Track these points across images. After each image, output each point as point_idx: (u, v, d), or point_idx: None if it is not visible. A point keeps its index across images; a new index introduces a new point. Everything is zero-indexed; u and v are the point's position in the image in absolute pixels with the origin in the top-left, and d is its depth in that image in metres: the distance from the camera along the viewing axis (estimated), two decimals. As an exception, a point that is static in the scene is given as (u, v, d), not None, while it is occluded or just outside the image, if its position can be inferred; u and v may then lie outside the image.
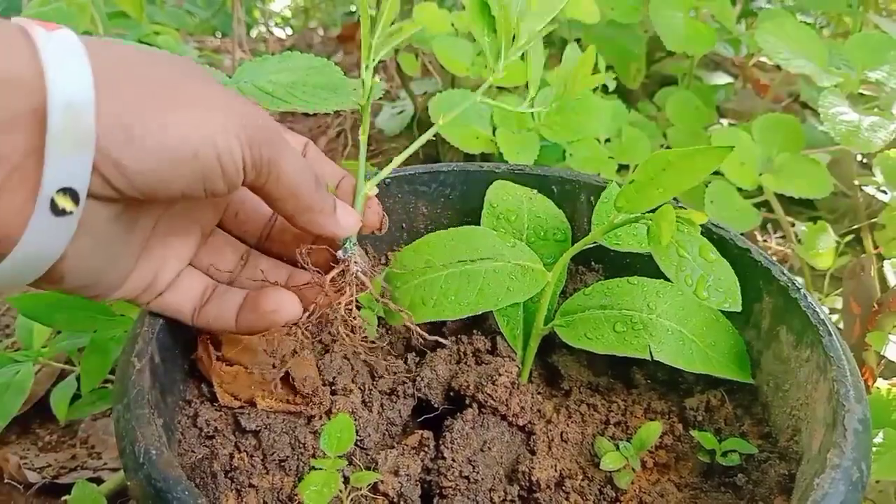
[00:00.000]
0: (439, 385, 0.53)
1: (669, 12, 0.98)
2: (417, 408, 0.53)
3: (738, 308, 0.47)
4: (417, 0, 1.06)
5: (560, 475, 0.47)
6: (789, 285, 0.51)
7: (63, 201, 0.33)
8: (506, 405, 0.50)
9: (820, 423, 0.43)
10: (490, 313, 0.56)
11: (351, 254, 0.47)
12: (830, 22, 1.33)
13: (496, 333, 0.56)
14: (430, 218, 0.65)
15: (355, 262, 0.47)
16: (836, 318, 0.81)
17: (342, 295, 0.46)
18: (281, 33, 2.09)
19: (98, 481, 0.70)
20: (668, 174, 0.43)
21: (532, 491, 0.47)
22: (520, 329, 0.56)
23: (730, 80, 1.26)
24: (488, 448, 0.49)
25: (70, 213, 0.34)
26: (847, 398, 0.42)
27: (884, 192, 0.88)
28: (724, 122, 1.16)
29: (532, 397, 0.52)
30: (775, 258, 0.93)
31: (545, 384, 0.57)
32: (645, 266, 0.56)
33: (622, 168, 0.95)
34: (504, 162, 0.82)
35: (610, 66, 1.06)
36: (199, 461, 0.45)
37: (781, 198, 0.93)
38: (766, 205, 0.93)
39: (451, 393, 0.52)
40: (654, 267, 0.47)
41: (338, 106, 0.59)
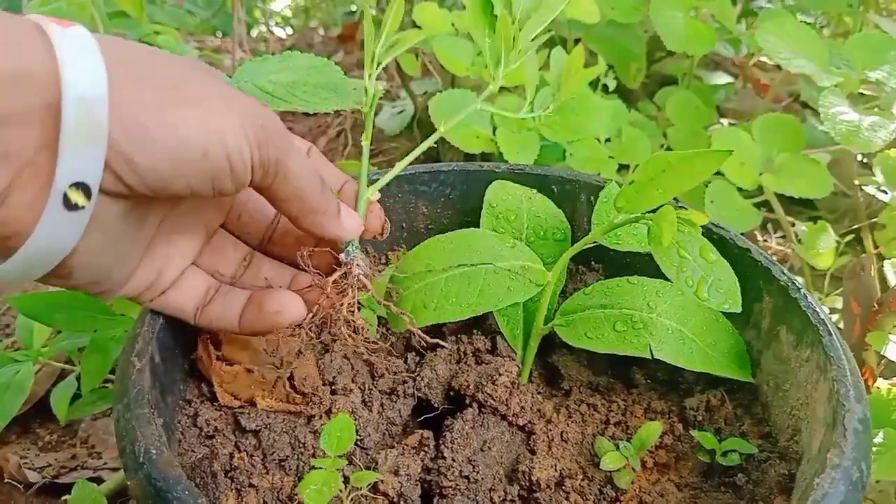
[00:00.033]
0: (439, 385, 0.53)
1: (669, 12, 0.98)
2: (417, 407, 0.53)
3: (739, 309, 0.47)
4: (418, 0, 1.06)
5: (560, 475, 0.47)
6: (789, 285, 0.51)
7: (76, 196, 0.34)
8: (506, 405, 0.50)
9: (820, 423, 0.43)
10: (490, 313, 0.56)
11: (353, 256, 0.47)
12: (831, 22, 1.33)
13: (496, 333, 0.56)
14: (431, 217, 0.65)
15: (357, 265, 0.47)
16: (837, 318, 0.81)
17: (345, 296, 0.46)
18: (281, 33, 2.09)
19: (98, 481, 0.70)
20: (668, 175, 0.43)
21: (532, 491, 0.47)
22: (520, 329, 0.56)
23: (730, 80, 1.26)
24: (488, 448, 0.49)
25: (82, 208, 0.34)
26: (847, 398, 0.42)
27: (884, 192, 0.88)
28: (725, 122, 1.16)
29: (532, 397, 0.52)
30: (775, 258, 0.93)
31: (545, 384, 0.57)
32: (645, 265, 0.56)
33: (622, 168, 0.95)
34: (504, 161, 0.82)
35: (610, 66, 1.06)
36: (200, 461, 0.45)
37: (782, 197, 0.93)
38: (767, 204, 0.93)
39: (451, 393, 0.52)
40: (654, 266, 0.47)
41: (338, 106, 0.59)
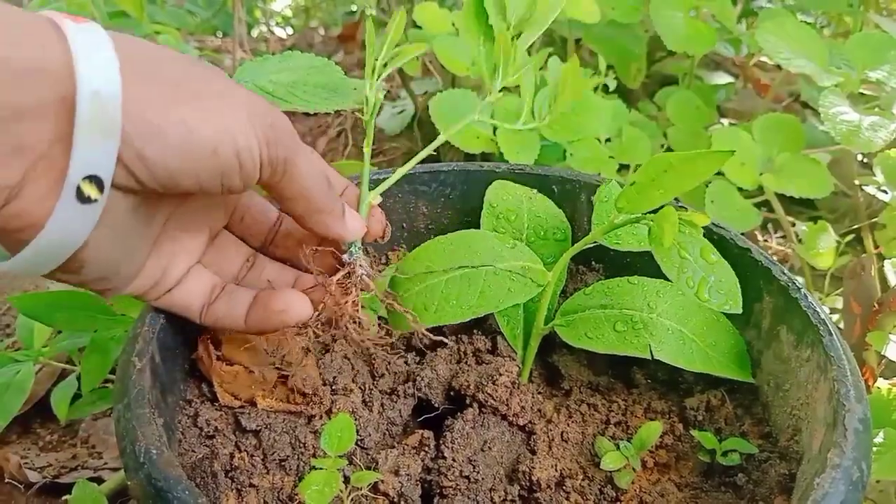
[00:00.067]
0: (440, 385, 0.53)
1: (670, 12, 0.98)
2: (418, 407, 0.53)
3: (739, 310, 0.47)
4: (418, 0, 1.06)
5: (560, 475, 0.47)
6: (790, 285, 0.51)
7: (89, 189, 0.34)
8: (506, 405, 0.50)
9: (820, 423, 0.43)
10: (490, 313, 0.56)
11: (356, 257, 0.48)
12: (831, 21, 1.33)
13: (496, 333, 0.56)
14: (431, 217, 0.65)
15: (360, 265, 0.48)
16: (837, 318, 0.81)
17: (348, 295, 0.47)
18: (282, 33, 2.09)
19: (99, 481, 0.70)
20: (670, 176, 0.43)
21: (532, 491, 0.47)
22: (520, 329, 0.56)
23: (730, 80, 1.26)
24: (489, 448, 0.49)
25: (95, 201, 0.35)
26: (847, 398, 0.42)
27: (884, 192, 0.88)
28: (725, 122, 1.16)
29: (532, 397, 0.52)
30: (776, 258, 0.93)
31: (545, 384, 0.57)
32: (645, 266, 0.56)
33: (623, 168, 0.95)
34: (504, 161, 0.82)
35: (610, 66, 1.06)
36: (200, 461, 0.45)
37: (782, 197, 0.93)
38: (767, 204, 0.93)
39: (452, 392, 0.52)
40: (655, 266, 0.47)
41: (338, 106, 0.59)
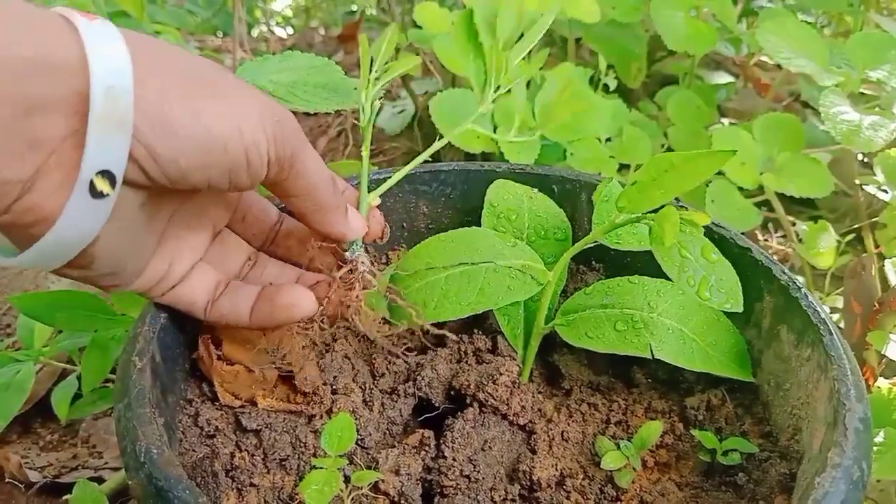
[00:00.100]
0: (440, 384, 0.53)
1: (670, 11, 0.98)
2: (418, 407, 0.53)
3: (740, 309, 0.47)
4: (418, 0, 1.06)
5: (561, 474, 0.47)
6: (790, 284, 0.51)
7: (101, 184, 0.34)
8: (506, 404, 0.50)
9: (821, 422, 0.43)
10: (491, 313, 0.56)
11: (358, 254, 0.48)
12: (831, 21, 1.33)
13: (497, 333, 0.56)
14: (431, 217, 0.65)
15: (362, 262, 0.48)
16: (837, 318, 0.81)
17: (352, 290, 0.48)
18: (282, 32, 2.09)
19: (99, 480, 0.70)
20: (671, 176, 0.43)
21: (533, 490, 0.47)
22: (520, 328, 0.56)
23: (731, 80, 1.26)
24: (489, 447, 0.49)
25: (107, 196, 0.35)
26: (848, 397, 0.42)
27: (884, 192, 0.87)
28: (725, 122, 1.16)
29: (533, 396, 0.52)
30: (776, 257, 0.93)
31: (546, 383, 0.57)
32: (645, 265, 0.55)
33: (623, 167, 0.95)
34: (505, 161, 0.82)
35: (610, 66, 1.06)
36: (200, 460, 0.45)
37: (782, 197, 0.93)
38: (767, 204, 0.93)
39: (452, 392, 0.52)
40: (655, 266, 0.47)
41: (339, 106, 0.59)
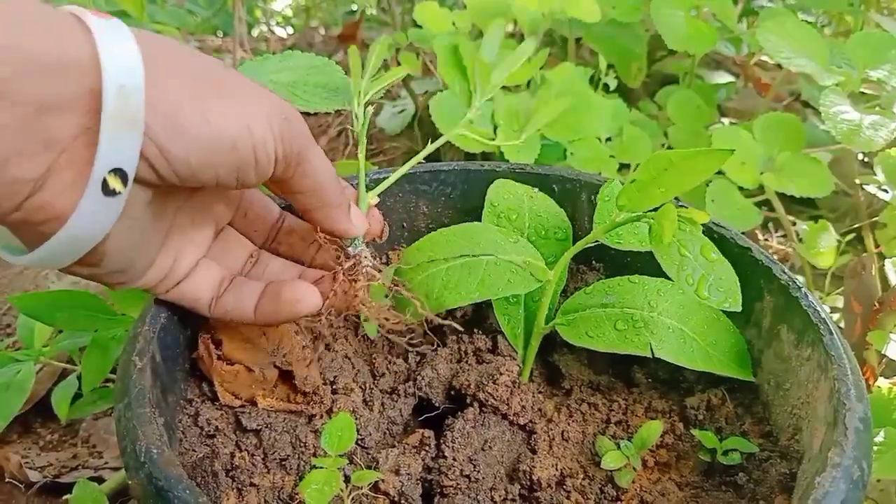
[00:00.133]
0: (440, 384, 0.53)
1: (670, 11, 0.98)
2: (418, 407, 0.53)
3: (739, 308, 0.47)
4: (418, 0, 1.06)
5: (561, 474, 0.47)
6: (790, 284, 0.51)
7: (114, 182, 0.34)
8: (507, 404, 0.50)
9: (821, 422, 0.43)
10: (491, 312, 0.56)
11: (361, 248, 0.49)
12: (832, 21, 1.32)
13: (497, 332, 0.56)
14: (431, 217, 0.65)
15: (365, 257, 0.49)
16: (837, 317, 0.81)
17: (357, 283, 0.48)
18: (282, 32, 2.09)
19: (99, 480, 0.70)
20: (671, 174, 0.43)
21: (533, 490, 0.47)
22: (521, 328, 0.56)
23: (731, 79, 1.26)
24: (489, 447, 0.49)
25: (119, 194, 0.35)
26: (848, 397, 0.41)
27: (885, 191, 0.87)
28: (726, 121, 1.16)
29: (533, 396, 0.52)
30: (776, 257, 0.93)
31: (546, 383, 0.57)
32: (646, 265, 0.55)
33: (623, 167, 0.95)
34: (505, 161, 0.81)
35: (611, 65, 1.06)
36: (201, 460, 0.45)
37: (782, 196, 0.93)
38: (768, 203, 0.93)
39: (452, 392, 0.52)
40: (655, 266, 0.47)
41: (339, 105, 0.59)
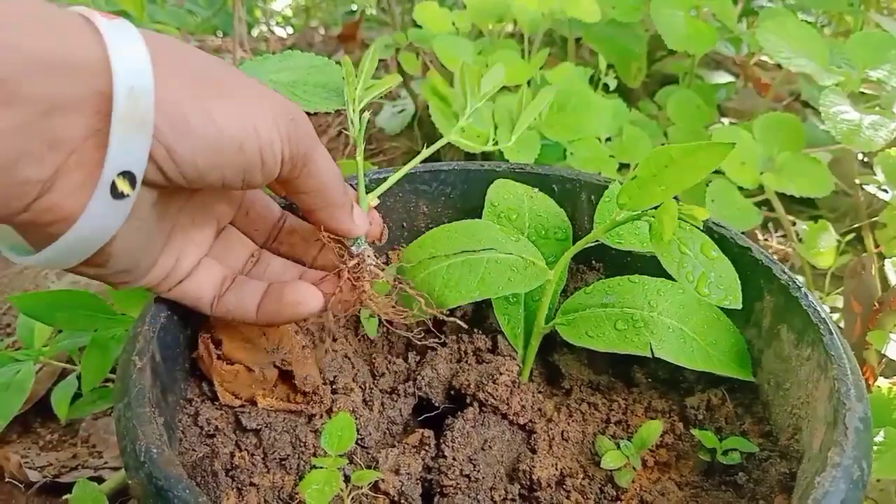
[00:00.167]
0: (440, 384, 0.53)
1: (670, 11, 0.98)
2: (418, 406, 0.53)
3: (739, 305, 0.47)
4: (418, 0, 1.06)
5: (561, 474, 0.47)
6: (790, 284, 0.51)
7: (122, 185, 0.34)
8: (507, 404, 0.50)
9: (821, 422, 0.43)
10: (491, 312, 0.56)
11: (364, 247, 0.49)
12: (832, 21, 1.33)
13: (497, 332, 0.56)
14: (431, 217, 0.65)
15: (368, 255, 0.49)
16: (837, 317, 0.81)
17: (360, 280, 0.48)
18: (282, 32, 2.09)
19: (99, 480, 0.70)
20: (671, 171, 0.43)
21: (533, 489, 0.47)
22: (521, 328, 0.56)
23: (731, 79, 1.26)
24: (489, 447, 0.49)
25: (127, 197, 0.35)
26: (848, 397, 0.41)
27: (885, 191, 0.87)
28: (725, 121, 1.16)
29: (533, 396, 0.52)
30: (776, 257, 0.93)
31: (546, 383, 0.57)
32: (645, 265, 0.56)
33: (623, 167, 0.95)
34: (505, 161, 0.82)
35: (611, 65, 1.06)
36: (200, 460, 0.45)
37: (782, 196, 0.93)
38: (767, 203, 0.93)
39: (452, 392, 0.52)
40: (655, 265, 0.47)
41: (338, 105, 0.59)
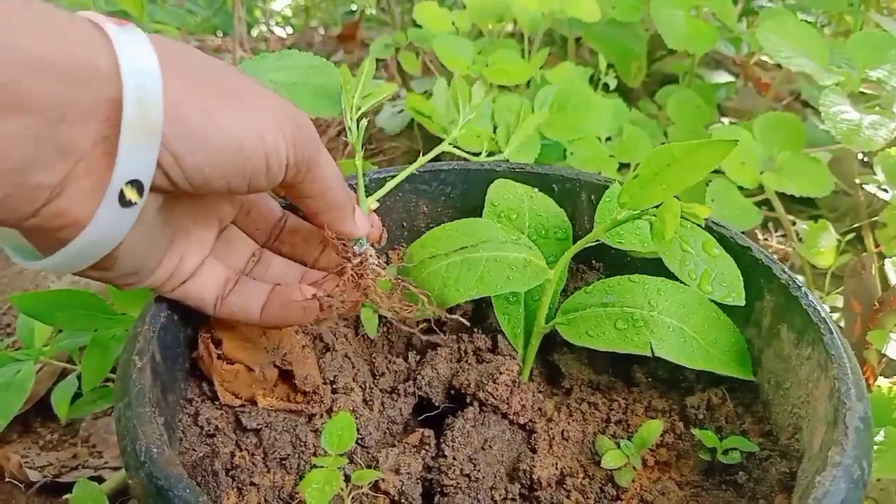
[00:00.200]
0: (440, 383, 0.53)
1: (670, 11, 0.98)
2: (418, 406, 0.53)
3: (742, 301, 0.47)
4: (418, 0, 1.06)
5: (561, 473, 0.47)
6: (790, 283, 0.51)
7: (130, 193, 0.34)
8: (507, 403, 0.50)
9: (821, 421, 0.43)
10: (491, 311, 0.56)
11: (366, 247, 0.49)
12: (832, 20, 1.33)
13: (497, 332, 0.56)
14: (431, 216, 0.65)
15: (370, 255, 0.49)
16: (837, 317, 0.81)
17: (364, 278, 0.48)
18: (282, 32, 2.09)
19: (99, 480, 0.70)
20: (672, 170, 0.43)
21: (533, 489, 0.47)
22: (521, 327, 0.56)
23: (731, 79, 1.26)
24: (489, 446, 0.49)
25: (135, 204, 0.35)
26: (848, 396, 0.41)
27: (885, 191, 0.87)
28: (725, 121, 1.16)
29: (533, 396, 0.52)
30: (776, 256, 0.93)
31: (546, 383, 0.57)
32: (645, 264, 0.56)
33: (623, 167, 0.95)
34: (505, 161, 0.82)
35: (611, 65, 1.06)
36: (201, 459, 0.45)
37: (782, 196, 0.93)
38: (767, 203, 0.93)
39: (452, 391, 0.52)
40: (655, 265, 0.47)
41: (338, 113, 0.59)
